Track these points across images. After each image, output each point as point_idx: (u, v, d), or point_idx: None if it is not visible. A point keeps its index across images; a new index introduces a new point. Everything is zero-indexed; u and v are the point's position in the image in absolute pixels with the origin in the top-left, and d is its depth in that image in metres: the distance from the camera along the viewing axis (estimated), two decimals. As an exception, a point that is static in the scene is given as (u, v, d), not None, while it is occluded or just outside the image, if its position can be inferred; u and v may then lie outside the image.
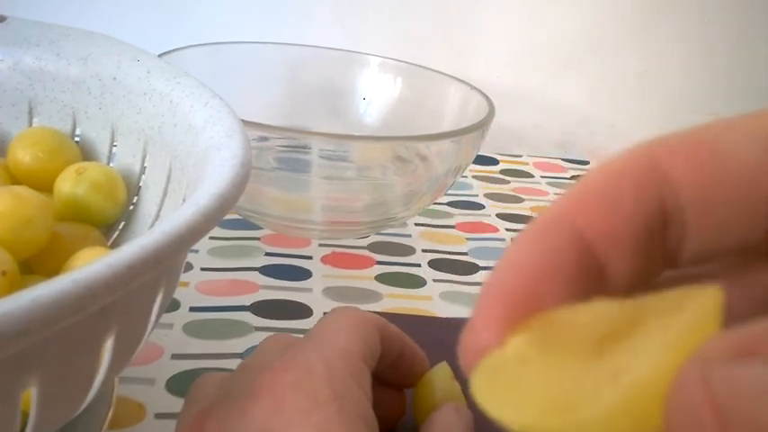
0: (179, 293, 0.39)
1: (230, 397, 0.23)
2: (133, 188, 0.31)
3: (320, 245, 0.47)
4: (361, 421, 0.22)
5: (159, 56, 0.32)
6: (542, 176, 0.65)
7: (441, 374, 0.28)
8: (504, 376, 0.12)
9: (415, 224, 0.52)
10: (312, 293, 0.41)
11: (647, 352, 0.10)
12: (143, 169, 0.30)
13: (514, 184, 0.62)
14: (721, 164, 0.13)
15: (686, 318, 0.10)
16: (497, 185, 0.61)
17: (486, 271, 0.46)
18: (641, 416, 0.10)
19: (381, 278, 0.44)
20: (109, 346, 0.19)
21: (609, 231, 0.13)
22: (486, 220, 0.54)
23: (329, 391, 0.22)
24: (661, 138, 0.14)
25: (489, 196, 0.59)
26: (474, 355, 0.13)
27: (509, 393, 0.11)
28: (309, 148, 0.41)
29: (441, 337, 0.37)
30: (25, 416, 0.18)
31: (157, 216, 0.29)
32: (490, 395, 0.11)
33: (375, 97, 0.57)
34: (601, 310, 0.12)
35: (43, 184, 0.29)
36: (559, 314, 0.12)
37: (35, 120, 0.32)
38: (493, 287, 0.13)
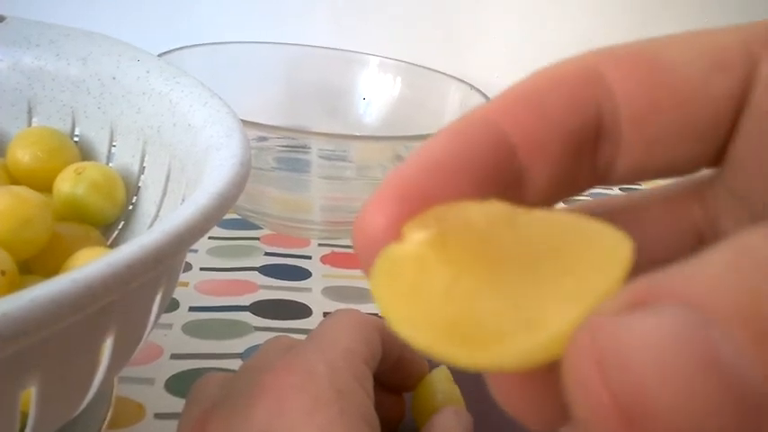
0: (178, 293, 0.39)
1: (233, 398, 0.23)
2: (132, 188, 0.31)
3: (320, 245, 0.47)
4: (364, 422, 0.22)
5: (158, 56, 0.32)
6: (542, 176, 0.65)
7: (440, 377, 0.28)
8: (402, 280, 0.11)
9: (415, 224, 0.52)
10: (312, 293, 0.41)
11: (558, 300, 0.09)
12: (142, 169, 0.30)
13: (514, 184, 0.62)
14: (663, 78, 0.12)
15: (596, 266, 0.10)
16: (497, 185, 0.61)
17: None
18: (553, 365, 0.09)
19: (381, 278, 0.44)
20: (108, 345, 0.19)
21: (534, 135, 0.12)
22: (485, 220, 0.54)
23: (332, 392, 0.22)
24: (609, 48, 0.13)
25: (489, 196, 0.59)
26: (366, 242, 0.12)
27: (406, 303, 0.10)
28: (309, 148, 0.41)
29: None
30: (24, 416, 0.18)
31: (157, 216, 0.29)
32: (388, 302, 0.10)
33: (375, 97, 0.57)
34: (500, 216, 0.11)
35: (42, 183, 0.29)
36: (457, 211, 0.11)
37: (34, 119, 0.32)
38: (396, 172, 0.12)
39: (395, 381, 0.28)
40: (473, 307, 0.10)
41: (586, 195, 0.14)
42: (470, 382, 0.28)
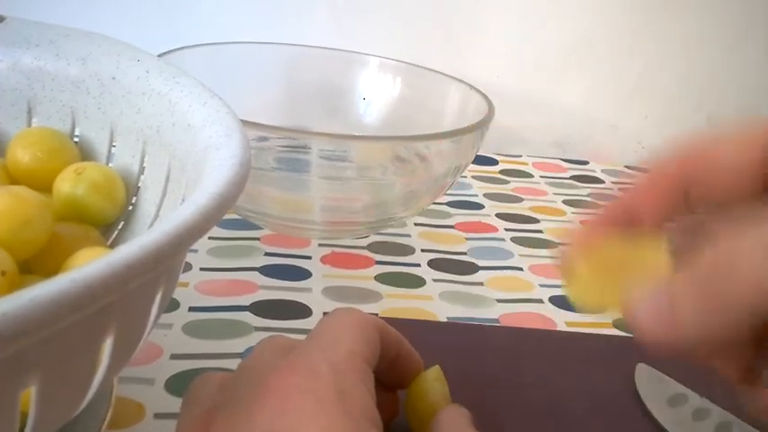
0: (178, 293, 0.39)
1: (235, 398, 0.23)
2: (132, 188, 0.31)
3: (320, 245, 0.47)
4: (368, 422, 0.22)
5: (158, 56, 0.32)
6: (542, 176, 0.65)
7: (432, 376, 0.28)
8: (580, 286, 0.23)
9: (415, 224, 0.52)
10: (312, 293, 0.41)
11: (637, 281, 0.21)
12: (142, 169, 0.30)
13: (514, 184, 0.62)
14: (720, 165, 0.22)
15: (652, 256, 0.22)
16: (497, 185, 0.61)
17: (485, 270, 0.47)
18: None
19: (381, 278, 0.44)
20: (108, 345, 0.19)
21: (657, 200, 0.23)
22: (485, 220, 0.54)
23: (335, 392, 0.22)
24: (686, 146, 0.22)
25: (489, 196, 0.59)
26: (565, 268, 0.24)
27: (584, 293, 0.23)
28: (309, 148, 0.41)
29: (437, 339, 0.37)
30: (24, 416, 0.18)
31: (156, 216, 0.29)
32: (576, 296, 0.23)
33: (374, 97, 0.57)
34: (621, 247, 0.23)
35: (42, 184, 0.29)
36: (601, 250, 0.23)
37: (34, 120, 0.32)
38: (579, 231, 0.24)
39: (391, 379, 0.28)
40: (607, 290, 0.23)
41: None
42: (456, 382, 0.29)
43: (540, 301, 0.44)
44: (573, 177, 0.66)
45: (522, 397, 0.35)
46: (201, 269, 0.42)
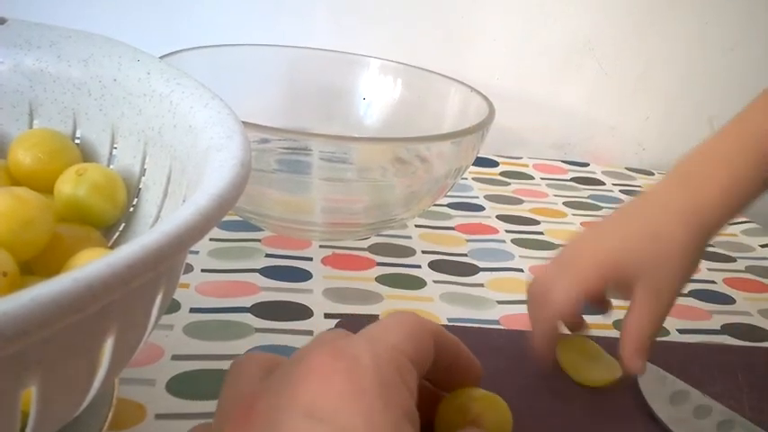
0: (180, 295, 0.39)
1: (281, 378, 0.23)
2: (133, 189, 0.31)
3: (321, 246, 0.47)
4: (406, 418, 0.22)
5: (160, 58, 0.32)
6: (542, 178, 0.65)
7: (467, 394, 0.28)
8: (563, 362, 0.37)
9: (416, 225, 0.52)
10: (312, 295, 0.41)
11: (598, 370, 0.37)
12: (143, 170, 0.30)
13: (514, 186, 0.62)
14: None
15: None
16: (497, 187, 0.61)
17: (486, 272, 0.47)
18: None
19: (382, 279, 0.44)
20: (109, 346, 0.19)
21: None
22: (485, 222, 0.54)
23: (376, 382, 0.22)
24: None
25: (489, 198, 0.59)
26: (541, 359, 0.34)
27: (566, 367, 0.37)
28: (310, 150, 0.41)
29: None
30: (25, 416, 0.18)
31: (158, 217, 0.29)
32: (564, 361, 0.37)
33: (375, 99, 0.57)
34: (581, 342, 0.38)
35: (44, 185, 0.29)
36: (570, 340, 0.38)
37: (36, 121, 0.32)
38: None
39: (448, 384, 0.28)
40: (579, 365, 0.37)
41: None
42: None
43: (541, 302, 0.44)
44: (573, 179, 0.66)
45: (523, 398, 0.35)
46: (202, 270, 0.42)
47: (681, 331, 0.43)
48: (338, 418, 0.21)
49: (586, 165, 0.71)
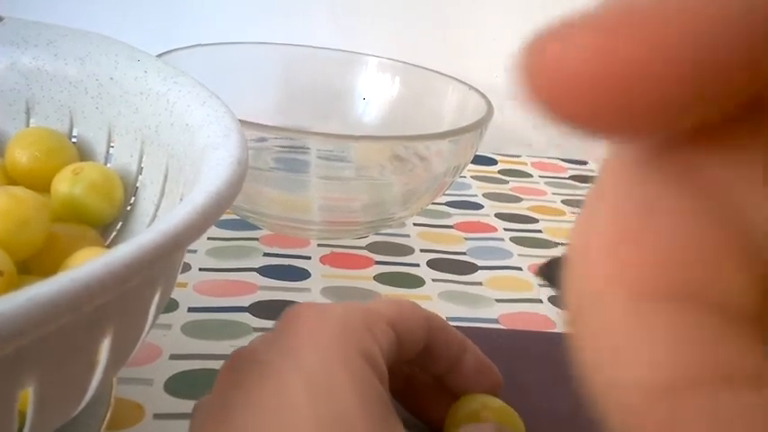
0: (177, 294, 0.39)
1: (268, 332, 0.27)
2: (130, 188, 0.31)
3: (319, 245, 0.47)
4: (361, 356, 0.24)
5: (157, 56, 0.32)
6: (541, 176, 0.65)
7: (481, 401, 0.28)
8: None
9: (414, 224, 0.52)
10: (311, 294, 0.41)
11: None
12: (140, 169, 0.30)
13: (513, 184, 0.62)
14: None
15: None
16: (496, 185, 0.61)
17: (485, 270, 0.47)
18: None
19: (380, 278, 0.44)
20: (106, 345, 0.19)
21: None
22: (484, 220, 0.54)
23: (339, 325, 0.24)
24: None
25: (488, 196, 0.59)
26: None
27: None
28: (308, 149, 0.41)
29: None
30: (23, 416, 0.18)
31: (155, 216, 0.29)
32: None
33: (373, 97, 0.57)
34: None
35: (40, 184, 0.29)
36: None
37: (32, 120, 0.32)
38: None
39: (459, 386, 0.28)
40: None
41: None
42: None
43: (540, 301, 0.44)
44: (572, 177, 0.66)
45: (523, 399, 0.35)
46: (200, 269, 0.42)
47: (680, 329, 0.43)
48: (301, 355, 0.23)
49: (585, 163, 0.71)
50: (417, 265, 0.46)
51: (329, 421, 0.21)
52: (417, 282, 0.44)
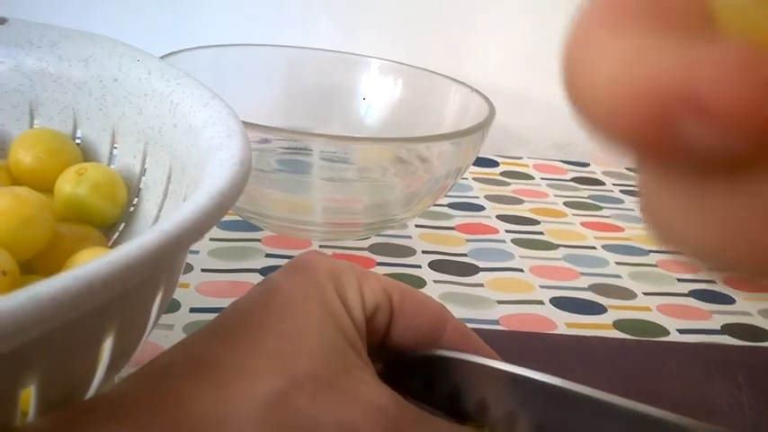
0: (179, 294, 0.39)
1: None
2: (134, 189, 0.31)
3: (321, 246, 0.47)
4: (329, 314, 0.25)
5: (160, 58, 0.32)
6: (542, 178, 0.65)
7: None
8: None
9: (416, 225, 0.52)
10: (312, 294, 0.41)
11: None
12: (143, 170, 0.31)
13: (514, 186, 0.62)
14: None
15: None
16: (497, 187, 0.61)
17: (486, 272, 0.47)
18: None
19: (382, 279, 0.44)
20: (108, 345, 0.19)
21: None
22: (486, 222, 0.54)
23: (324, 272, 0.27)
24: None
25: (489, 198, 0.59)
26: None
27: None
28: (310, 150, 0.41)
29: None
30: (24, 415, 0.18)
31: (158, 216, 0.29)
32: None
33: (375, 99, 0.57)
34: None
35: (44, 184, 0.29)
36: None
37: (36, 121, 0.32)
38: None
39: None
40: None
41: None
42: None
43: (541, 302, 0.44)
44: (574, 179, 0.66)
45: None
46: (202, 270, 0.42)
47: (681, 331, 0.43)
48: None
49: (587, 165, 0.71)
50: (419, 267, 0.46)
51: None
52: (419, 283, 0.44)
